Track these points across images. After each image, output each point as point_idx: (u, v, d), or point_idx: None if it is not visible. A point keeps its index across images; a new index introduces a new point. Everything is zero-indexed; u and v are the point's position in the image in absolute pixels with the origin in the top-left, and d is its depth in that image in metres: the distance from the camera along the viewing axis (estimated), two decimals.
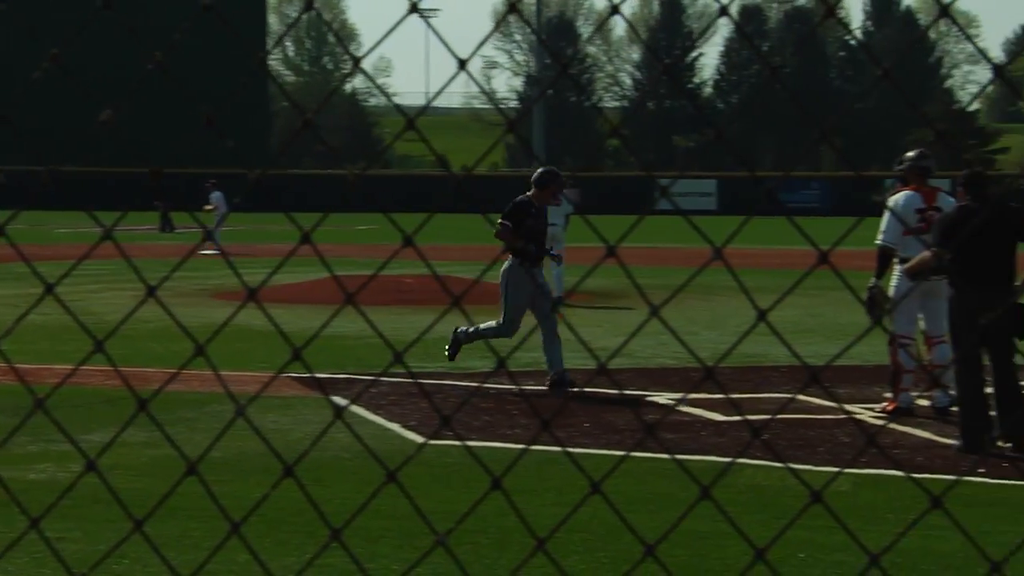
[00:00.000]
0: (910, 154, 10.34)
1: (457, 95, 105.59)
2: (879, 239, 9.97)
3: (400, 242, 1.77)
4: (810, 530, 6.14)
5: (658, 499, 7.04)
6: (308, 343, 1.99)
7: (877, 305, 10.07)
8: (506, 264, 11.43)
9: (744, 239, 11.28)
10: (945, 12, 1.44)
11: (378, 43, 1.64)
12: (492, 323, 11.37)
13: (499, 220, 11.30)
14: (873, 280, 9.98)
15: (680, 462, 2.32)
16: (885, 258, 9.95)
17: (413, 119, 1.66)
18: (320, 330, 1.99)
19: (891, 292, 10.09)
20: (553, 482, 7.46)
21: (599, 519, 6.27)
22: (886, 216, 10.16)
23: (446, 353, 11.68)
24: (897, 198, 10.24)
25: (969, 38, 1.79)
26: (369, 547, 6.15)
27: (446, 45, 1.65)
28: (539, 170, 11.74)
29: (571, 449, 8.57)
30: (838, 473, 4.25)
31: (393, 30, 1.59)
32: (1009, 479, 7.74)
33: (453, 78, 1.59)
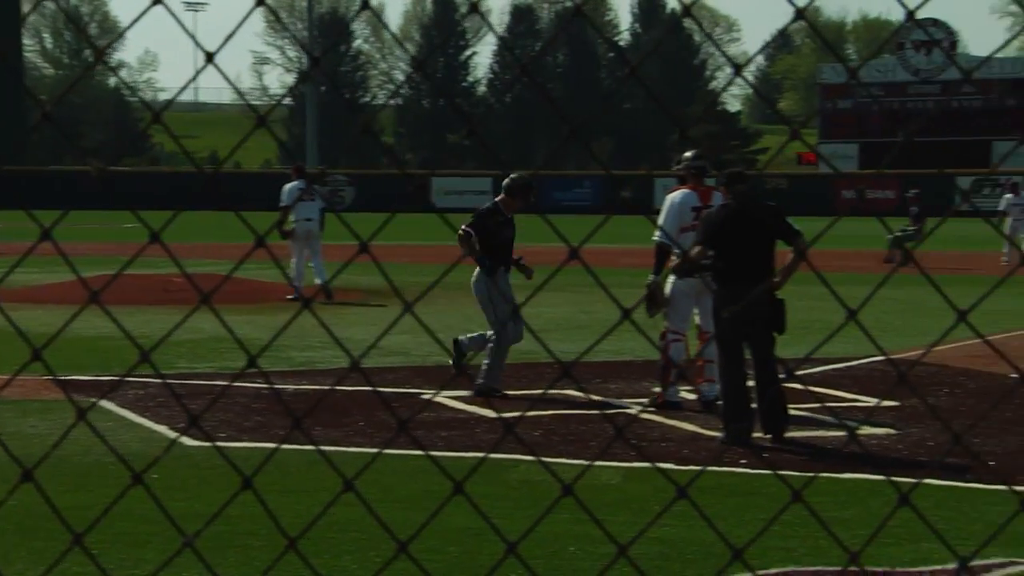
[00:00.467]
0: (687, 154, 10.60)
1: (228, 91, 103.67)
2: (656, 236, 10.21)
3: (147, 239, 1.71)
4: (581, 523, 6.24)
5: (430, 496, 7.05)
6: (48, 343, 1.91)
7: (654, 301, 10.32)
8: (477, 272, 10.96)
9: (522, 237, 11.44)
10: (687, 12, 1.48)
11: (119, 36, 1.58)
12: (490, 341, 10.92)
13: (462, 227, 10.84)
14: (651, 276, 10.21)
15: (434, 458, 2.32)
16: (662, 255, 10.19)
17: (159, 113, 1.61)
18: (61, 330, 1.92)
19: (668, 289, 10.34)
20: (327, 482, 7.39)
21: (371, 519, 6.24)
22: (663, 213, 10.41)
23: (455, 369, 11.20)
24: (674, 196, 10.50)
25: (711, 38, 1.83)
26: (135, 552, 5.99)
27: (193, 38, 1.60)
28: (511, 176, 11.27)
29: (345, 448, 8.51)
30: (588, 466, 4.33)
31: (135, 23, 1.53)
32: (768, 469, 8.01)
33: (200, 72, 1.55)
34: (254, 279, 20.34)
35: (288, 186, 19.12)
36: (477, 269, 10.96)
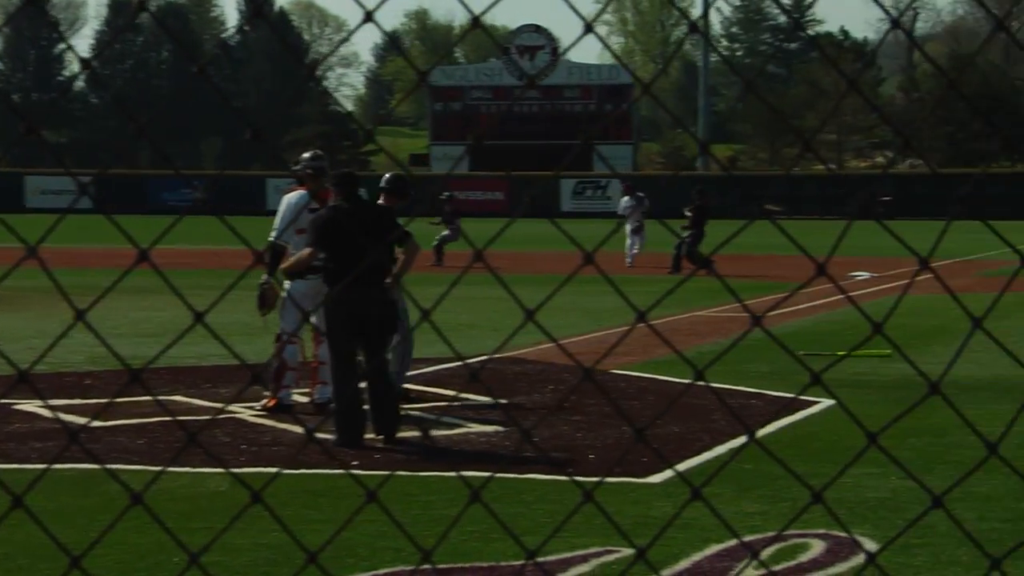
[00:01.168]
0: (306, 155, 10.52)
1: None
2: (271, 236, 10.09)
3: None
4: (189, 532, 6.08)
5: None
6: None
7: (265, 301, 10.18)
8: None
9: (169, 239, 11.00)
10: (259, 12, 1.41)
11: None
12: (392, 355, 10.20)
13: None
14: (264, 276, 10.09)
15: None
16: (276, 255, 10.07)
17: None
18: None
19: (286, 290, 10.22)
20: None
21: (24, 537, 5.84)
22: (279, 214, 10.31)
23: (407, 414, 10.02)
24: (290, 197, 10.41)
25: (284, 42, 1.76)
26: None
27: None
28: (386, 176, 10.39)
29: None
30: (160, 472, 4.19)
31: None
32: (381, 470, 8.04)
33: None
34: None
35: None
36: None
